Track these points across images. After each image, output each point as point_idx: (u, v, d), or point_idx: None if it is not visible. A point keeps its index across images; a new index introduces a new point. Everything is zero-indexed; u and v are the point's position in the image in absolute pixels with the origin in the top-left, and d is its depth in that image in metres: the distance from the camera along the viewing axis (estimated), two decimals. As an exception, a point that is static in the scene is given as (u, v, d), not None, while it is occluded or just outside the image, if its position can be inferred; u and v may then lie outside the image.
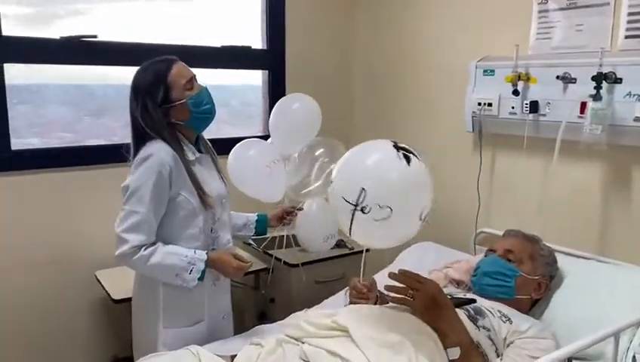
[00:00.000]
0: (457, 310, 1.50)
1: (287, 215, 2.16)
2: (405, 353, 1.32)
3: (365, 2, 2.97)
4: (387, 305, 1.59)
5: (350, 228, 1.38)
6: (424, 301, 1.42)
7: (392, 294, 1.44)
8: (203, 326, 1.85)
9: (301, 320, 1.54)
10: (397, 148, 1.39)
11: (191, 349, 1.57)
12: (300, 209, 2.22)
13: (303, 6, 2.81)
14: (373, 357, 1.31)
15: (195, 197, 1.76)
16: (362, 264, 1.64)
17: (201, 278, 1.73)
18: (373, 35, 2.93)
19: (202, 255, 1.74)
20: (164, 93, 1.74)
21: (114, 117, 2.51)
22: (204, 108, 1.80)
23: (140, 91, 1.75)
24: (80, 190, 2.32)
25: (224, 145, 2.09)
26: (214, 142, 2.00)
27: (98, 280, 2.25)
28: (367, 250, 1.59)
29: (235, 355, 1.58)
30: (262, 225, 2.13)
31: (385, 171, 1.38)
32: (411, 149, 1.41)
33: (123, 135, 2.42)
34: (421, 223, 1.39)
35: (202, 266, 1.73)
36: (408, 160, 1.37)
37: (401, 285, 1.45)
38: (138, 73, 1.78)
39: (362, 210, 1.34)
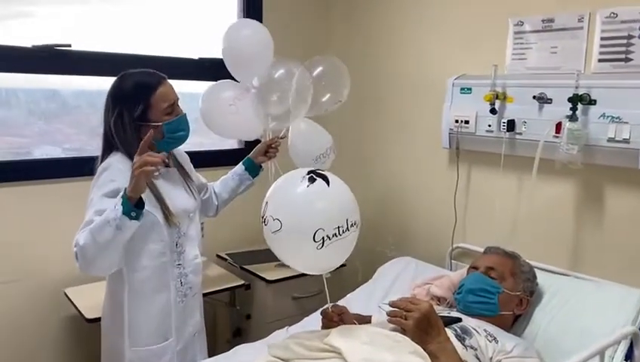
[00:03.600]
0: (446, 329, 1.51)
1: (270, 148, 2.17)
2: (399, 373, 1.32)
3: (341, 19, 2.98)
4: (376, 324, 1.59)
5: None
6: (417, 321, 1.41)
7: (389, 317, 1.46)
8: (171, 344, 1.79)
9: (290, 341, 1.51)
10: (311, 173, 1.47)
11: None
12: (283, 137, 2.20)
13: (279, 21, 2.79)
14: (369, 379, 1.30)
15: (159, 211, 1.71)
16: (326, 289, 1.62)
17: (126, 211, 1.51)
18: (349, 51, 2.93)
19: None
20: (142, 110, 1.69)
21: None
22: (178, 135, 1.76)
23: (118, 100, 1.70)
24: (44, 204, 2.22)
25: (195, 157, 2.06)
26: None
27: (68, 298, 2.16)
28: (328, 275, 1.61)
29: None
30: (253, 169, 2.16)
31: (282, 188, 1.49)
32: (326, 175, 1.46)
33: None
34: (318, 246, 1.38)
35: (121, 197, 1.54)
36: (312, 181, 1.43)
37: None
38: (119, 81, 1.72)
39: (264, 221, 1.46)
